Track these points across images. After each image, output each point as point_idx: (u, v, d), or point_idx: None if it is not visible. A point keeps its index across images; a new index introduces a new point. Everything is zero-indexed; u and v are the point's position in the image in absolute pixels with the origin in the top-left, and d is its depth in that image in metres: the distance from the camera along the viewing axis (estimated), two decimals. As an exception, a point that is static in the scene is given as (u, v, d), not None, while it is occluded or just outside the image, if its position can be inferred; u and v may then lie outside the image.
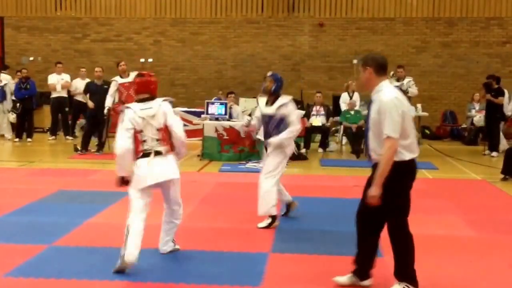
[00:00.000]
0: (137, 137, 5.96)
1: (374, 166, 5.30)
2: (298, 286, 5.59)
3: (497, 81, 15.55)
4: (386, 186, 5.11)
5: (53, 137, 17.68)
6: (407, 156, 5.18)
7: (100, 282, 5.58)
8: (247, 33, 21.06)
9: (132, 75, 14.30)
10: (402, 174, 5.19)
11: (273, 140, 7.66)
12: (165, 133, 6.07)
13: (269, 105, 7.84)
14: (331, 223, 8.00)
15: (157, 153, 6.02)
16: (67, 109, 17.54)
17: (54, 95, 17.51)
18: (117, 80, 14.31)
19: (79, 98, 16.75)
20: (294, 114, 7.80)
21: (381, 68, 5.28)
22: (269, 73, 8.18)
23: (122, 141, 5.89)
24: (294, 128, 7.74)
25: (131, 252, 5.75)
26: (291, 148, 8.00)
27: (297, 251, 6.67)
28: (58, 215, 8.21)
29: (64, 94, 17.44)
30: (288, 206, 8.41)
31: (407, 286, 5.35)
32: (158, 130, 6.01)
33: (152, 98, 6.11)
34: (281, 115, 7.75)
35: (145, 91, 6.09)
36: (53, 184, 10.40)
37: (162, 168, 6.06)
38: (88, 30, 21.51)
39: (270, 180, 7.75)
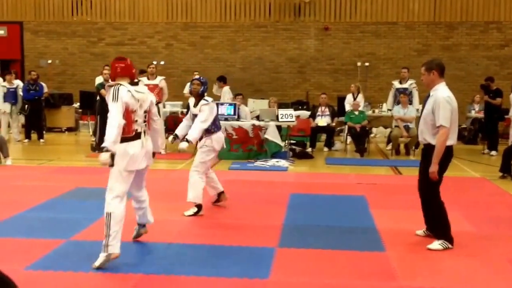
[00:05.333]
0: (131, 116, 5.92)
1: (423, 149, 6.75)
2: (305, 279, 5.67)
3: (491, 81, 15.88)
4: (427, 163, 6.50)
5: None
6: (449, 142, 6.52)
7: (115, 275, 5.70)
8: (255, 36, 21.40)
9: (159, 78, 14.96)
10: (445, 155, 6.53)
11: (188, 138, 8.07)
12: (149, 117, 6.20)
13: (195, 105, 8.37)
14: (335, 219, 8.17)
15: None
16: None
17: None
18: (144, 81, 14.66)
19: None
20: (203, 113, 8.13)
21: (443, 72, 6.61)
22: (196, 77, 8.64)
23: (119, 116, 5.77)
24: (197, 124, 8.08)
25: (117, 245, 5.86)
26: (218, 144, 8.42)
27: (303, 246, 6.76)
28: (76, 211, 8.35)
29: None
30: (219, 195, 8.84)
31: (444, 243, 6.63)
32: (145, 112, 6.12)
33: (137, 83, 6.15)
34: None
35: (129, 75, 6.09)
36: (71, 182, 10.57)
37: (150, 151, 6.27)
38: (103, 34, 21.85)
39: (195, 174, 8.28)
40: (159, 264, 6.05)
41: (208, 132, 8.35)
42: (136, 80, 6.18)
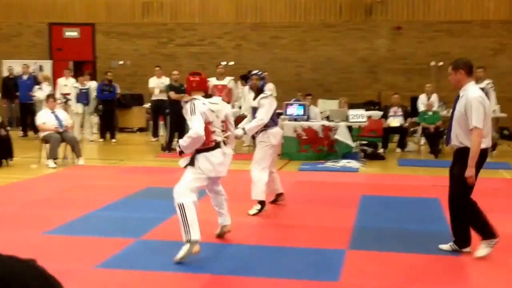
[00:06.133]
0: (208, 127, 6.26)
1: (455, 153, 6.37)
2: (376, 282, 5.62)
3: None
4: (464, 166, 6.10)
5: (156, 138, 17.48)
6: (483, 145, 6.17)
7: (185, 275, 5.76)
8: (325, 36, 21.15)
9: (228, 78, 14.99)
10: (479, 158, 6.15)
11: (239, 131, 8.11)
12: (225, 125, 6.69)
13: (254, 99, 8.43)
14: (408, 221, 7.99)
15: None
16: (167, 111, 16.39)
17: (153, 98, 17.30)
18: (212, 81, 14.70)
19: (155, 97, 17.06)
20: (264, 108, 8.23)
21: (470, 70, 6.32)
22: (253, 71, 8.69)
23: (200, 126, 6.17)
24: (258, 119, 8.19)
25: (197, 232, 6.06)
26: (275, 139, 8.40)
27: (374, 248, 6.66)
28: (146, 210, 8.44)
29: (162, 97, 16.44)
30: (277, 196, 8.78)
31: (490, 242, 6.25)
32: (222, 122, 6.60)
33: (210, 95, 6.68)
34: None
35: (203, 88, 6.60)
36: (141, 181, 10.66)
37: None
38: (173, 35, 21.98)
39: (256, 170, 8.21)
40: (228, 265, 6.08)
41: (265, 127, 8.36)
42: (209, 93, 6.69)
